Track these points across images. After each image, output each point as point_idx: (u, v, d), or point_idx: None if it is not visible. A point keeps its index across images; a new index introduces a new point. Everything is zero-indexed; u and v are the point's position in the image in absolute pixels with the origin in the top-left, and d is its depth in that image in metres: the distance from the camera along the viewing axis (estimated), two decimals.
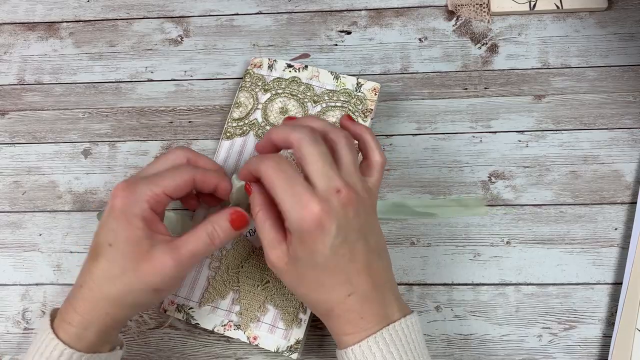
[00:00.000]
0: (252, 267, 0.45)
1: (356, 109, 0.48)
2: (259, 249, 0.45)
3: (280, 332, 0.43)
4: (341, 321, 0.35)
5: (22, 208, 0.51)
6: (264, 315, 0.44)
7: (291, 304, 0.43)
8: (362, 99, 0.48)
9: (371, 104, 0.48)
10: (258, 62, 0.51)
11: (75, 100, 0.54)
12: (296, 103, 0.49)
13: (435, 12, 0.54)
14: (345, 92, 0.49)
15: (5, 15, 0.58)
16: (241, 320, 0.44)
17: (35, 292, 0.48)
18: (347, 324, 0.35)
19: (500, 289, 0.46)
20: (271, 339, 0.43)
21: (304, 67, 0.50)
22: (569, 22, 0.53)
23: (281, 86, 0.50)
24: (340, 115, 0.48)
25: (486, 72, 0.52)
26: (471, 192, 0.48)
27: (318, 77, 0.50)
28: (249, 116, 0.50)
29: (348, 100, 0.49)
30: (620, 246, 0.46)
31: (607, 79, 0.51)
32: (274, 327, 0.43)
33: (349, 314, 0.35)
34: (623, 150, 0.48)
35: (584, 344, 0.44)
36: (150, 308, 0.47)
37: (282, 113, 0.49)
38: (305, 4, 0.56)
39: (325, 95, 0.49)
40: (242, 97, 0.50)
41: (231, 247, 0.46)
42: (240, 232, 0.38)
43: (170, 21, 0.56)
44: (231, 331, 0.44)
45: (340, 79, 0.49)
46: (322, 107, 0.49)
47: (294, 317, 0.43)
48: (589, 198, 0.47)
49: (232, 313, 0.44)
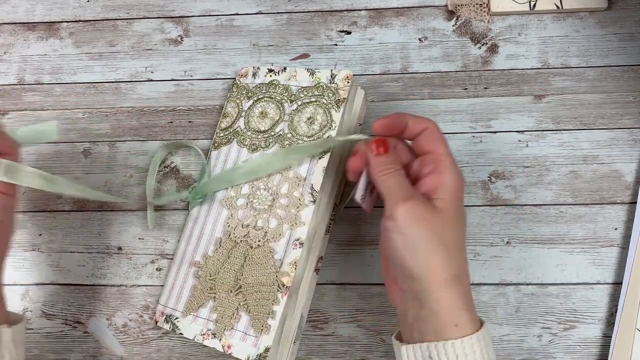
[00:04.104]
0: (226, 272, 0.44)
1: (329, 100, 0.46)
2: (234, 255, 0.44)
3: (251, 340, 0.41)
4: (447, 302, 0.34)
5: (22, 208, 0.51)
6: (237, 323, 0.42)
7: (262, 309, 0.42)
8: (334, 90, 0.47)
9: (344, 93, 0.46)
10: (244, 72, 0.51)
11: (75, 100, 0.54)
12: (274, 105, 0.48)
13: (435, 12, 0.54)
14: (319, 85, 0.47)
15: (5, 15, 0.58)
16: (217, 328, 0.43)
17: (35, 292, 0.48)
18: (459, 309, 0.34)
19: (500, 289, 0.46)
20: (243, 347, 0.41)
21: (283, 69, 0.50)
22: (569, 22, 0.53)
23: (262, 91, 0.49)
24: (314, 110, 0.46)
25: (486, 72, 0.52)
26: (471, 192, 0.48)
27: (295, 77, 0.49)
28: (233, 125, 0.49)
29: (322, 94, 0.47)
30: (620, 246, 0.46)
31: (607, 79, 0.51)
32: (246, 334, 0.42)
33: (458, 298, 0.35)
34: (623, 150, 0.48)
35: (584, 344, 0.44)
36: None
37: (262, 117, 0.48)
38: (305, 4, 0.56)
39: (301, 92, 0.48)
40: (229, 107, 0.50)
41: (212, 254, 0.45)
42: None
43: (170, 21, 0.56)
44: (209, 340, 0.43)
45: (315, 74, 0.48)
46: (297, 105, 0.47)
47: (263, 323, 0.41)
48: (589, 198, 0.47)
49: (209, 321, 0.43)
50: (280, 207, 0.44)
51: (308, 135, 0.45)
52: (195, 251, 0.46)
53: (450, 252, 0.35)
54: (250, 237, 0.44)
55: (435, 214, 0.35)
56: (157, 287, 0.48)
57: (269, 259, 0.43)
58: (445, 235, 0.35)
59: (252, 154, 0.47)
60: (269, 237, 0.44)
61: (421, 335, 0.35)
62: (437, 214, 0.35)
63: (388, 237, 0.35)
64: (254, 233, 0.44)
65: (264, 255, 0.43)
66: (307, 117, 0.46)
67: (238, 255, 0.44)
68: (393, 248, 0.35)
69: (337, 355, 0.45)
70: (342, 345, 0.46)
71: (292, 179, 0.45)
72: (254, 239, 0.44)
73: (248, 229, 0.45)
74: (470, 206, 0.48)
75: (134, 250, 0.49)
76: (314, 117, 0.46)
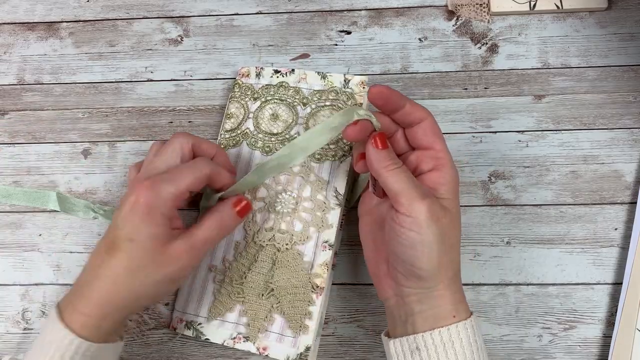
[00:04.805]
0: (255, 276, 0.44)
1: (346, 105, 0.47)
2: (261, 259, 0.45)
3: (289, 341, 0.43)
4: (449, 297, 0.35)
5: (22, 208, 0.51)
6: (271, 325, 0.43)
7: (297, 311, 0.43)
8: (350, 95, 0.47)
9: (360, 98, 0.47)
10: (245, 72, 0.51)
11: (75, 100, 0.54)
12: (286, 108, 0.48)
13: (435, 12, 0.54)
14: (333, 90, 0.48)
15: (5, 15, 0.58)
16: (249, 331, 0.43)
17: (35, 292, 0.48)
18: (457, 303, 0.36)
19: (500, 289, 0.46)
20: (280, 348, 0.43)
21: (291, 70, 0.50)
22: (569, 22, 0.53)
23: (270, 92, 0.49)
24: (330, 114, 0.47)
25: (486, 72, 0.52)
26: (471, 191, 0.48)
27: (305, 79, 0.49)
28: (240, 126, 0.49)
29: (337, 98, 0.48)
30: (620, 246, 0.46)
31: (607, 79, 0.51)
32: (283, 335, 0.43)
33: (456, 291, 0.36)
34: (623, 150, 0.48)
35: (584, 344, 0.44)
36: (164, 299, 0.47)
37: (273, 119, 0.48)
38: (305, 4, 0.56)
39: (314, 96, 0.48)
40: (233, 108, 0.50)
41: (233, 258, 0.45)
42: (243, 219, 0.41)
43: (170, 21, 0.56)
44: (241, 344, 0.43)
45: (327, 78, 0.49)
46: (311, 108, 0.48)
47: (301, 323, 0.43)
48: (589, 198, 0.47)
49: (240, 325, 0.44)
50: (305, 210, 0.45)
51: None
52: (212, 256, 0.46)
53: (454, 252, 0.36)
54: (276, 241, 0.45)
55: (446, 214, 0.35)
56: None
57: (299, 261, 0.44)
58: (451, 235, 0.36)
59: (268, 156, 0.47)
60: (295, 240, 0.44)
61: (415, 328, 0.35)
62: (447, 213, 0.35)
63: (401, 233, 0.35)
64: (280, 236, 0.45)
65: (293, 258, 0.44)
66: (322, 120, 0.47)
67: (266, 259, 0.44)
68: (405, 245, 0.35)
69: (337, 355, 0.45)
70: (342, 345, 0.46)
71: (314, 182, 0.45)
72: (280, 242, 0.44)
73: (272, 232, 0.45)
74: (470, 206, 0.48)
75: None
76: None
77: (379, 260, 0.39)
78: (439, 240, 0.34)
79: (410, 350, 0.35)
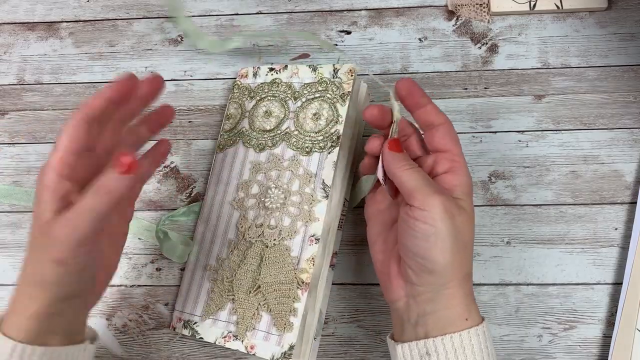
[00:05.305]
0: (244, 273, 0.44)
1: (334, 95, 0.46)
2: (250, 255, 0.44)
3: (275, 339, 0.42)
4: (461, 297, 0.35)
5: (22, 208, 0.51)
6: (258, 323, 0.43)
7: (283, 308, 0.42)
8: (338, 84, 0.47)
9: (347, 87, 0.46)
10: (244, 73, 0.51)
11: (75, 100, 0.54)
12: (278, 104, 0.48)
13: (435, 12, 0.54)
14: (322, 81, 0.47)
15: (5, 15, 0.58)
16: (238, 330, 0.43)
17: None
18: (469, 304, 0.36)
19: (500, 289, 0.46)
20: (266, 347, 0.42)
21: (284, 67, 0.50)
22: (569, 22, 0.53)
23: (264, 90, 0.49)
24: (319, 106, 0.46)
25: (486, 72, 0.52)
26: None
27: (297, 74, 0.49)
28: (237, 126, 0.49)
29: (326, 89, 0.47)
30: (620, 246, 0.46)
31: (607, 79, 0.51)
32: (269, 334, 0.42)
33: (468, 293, 0.36)
34: (623, 150, 0.48)
35: (584, 344, 0.44)
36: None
37: (266, 116, 0.48)
38: (305, 4, 0.56)
39: (304, 89, 0.48)
40: (232, 109, 0.50)
41: (226, 256, 0.45)
42: (130, 178, 0.32)
43: (170, 21, 0.56)
44: (230, 342, 0.43)
45: (317, 70, 0.48)
46: (302, 102, 0.47)
47: (286, 321, 0.42)
48: (589, 198, 0.47)
49: (230, 324, 0.44)
50: (293, 204, 0.44)
51: (315, 131, 0.46)
52: (208, 255, 0.46)
53: (467, 251, 0.36)
54: (265, 237, 0.44)
55: (460, 212, 0.36)
56: (157, 287, 0.48)
57: (285, 257, 0.43)
58: (465, 233, 0.36)
59: (260, 153, 0.47)
60: (283, 235, 0.44)
61: (427, 331, 0.35)
62: (462, 212, 0.36)
63: (415, 226, 0.35)
64: (268, 232, 0.44)
65: (280, 254, 0.43)
66: (313, 113, 0.46)
67: (254, 256, 0.44)
68: (418, 238, 0.35)
69: (337, 355, 0.45)
70: (342, 345, 0.46)
71: (302, 176, 0.45)
72: (269, 238, 0.44)
73: (262, 229, 0.45)
74: None
75: (134, 250, 0.49)
76: (319, 112, 0.46)
77: (389, 261, 0.39)
78: (452, 234, 0.34)
79: (419, 355, 0.35)
